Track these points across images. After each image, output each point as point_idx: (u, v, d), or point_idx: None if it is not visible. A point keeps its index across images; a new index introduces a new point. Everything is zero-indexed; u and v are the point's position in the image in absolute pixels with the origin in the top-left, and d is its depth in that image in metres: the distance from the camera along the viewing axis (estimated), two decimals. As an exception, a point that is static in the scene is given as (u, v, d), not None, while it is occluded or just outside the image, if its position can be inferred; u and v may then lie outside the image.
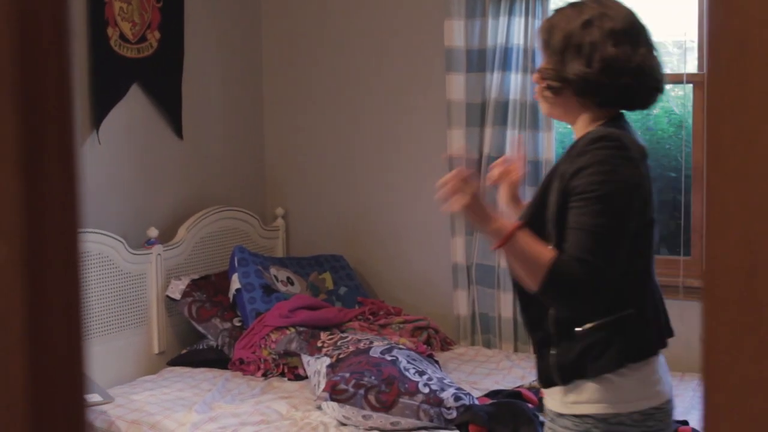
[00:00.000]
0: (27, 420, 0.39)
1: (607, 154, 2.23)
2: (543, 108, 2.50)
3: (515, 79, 4.74)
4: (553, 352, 2.29)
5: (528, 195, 3.61)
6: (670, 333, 2.39)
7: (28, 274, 0.38)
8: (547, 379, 2.34)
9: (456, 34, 4.85)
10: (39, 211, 0.38)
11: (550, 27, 2.38)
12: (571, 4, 2.41)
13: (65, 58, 0.40)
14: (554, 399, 2.33)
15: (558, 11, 2.43)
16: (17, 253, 0.38)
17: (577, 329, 2.25)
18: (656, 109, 4.88)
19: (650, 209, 2.35)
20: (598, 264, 2.16)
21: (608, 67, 2.26)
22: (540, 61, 2.46)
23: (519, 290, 2.39)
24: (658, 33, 4.91)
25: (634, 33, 2.32)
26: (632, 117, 2.56)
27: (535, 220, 2.32)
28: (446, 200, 2.24)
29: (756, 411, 0.67)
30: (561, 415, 2.30)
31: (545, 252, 2.19)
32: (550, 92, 2.38)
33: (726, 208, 0.68)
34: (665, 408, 2.30)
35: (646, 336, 2.30)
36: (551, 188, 2.31)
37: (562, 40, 2.32)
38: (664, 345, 2.34)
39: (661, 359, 2.34)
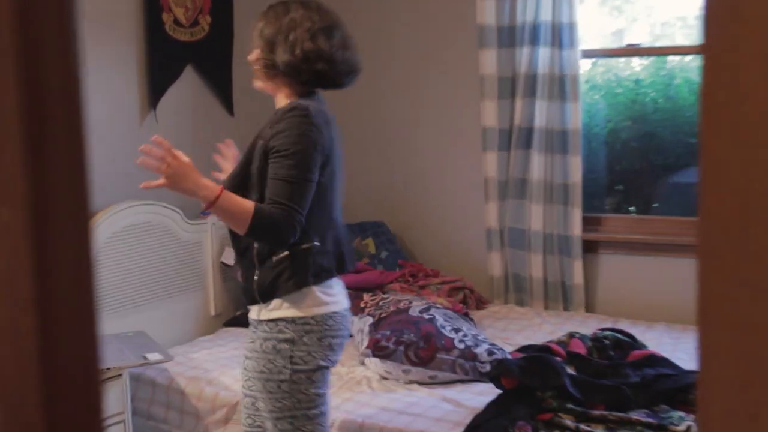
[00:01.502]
0: (40, 379, 0.39)
1: (297, 121, 2.68)
2: (256, 83, 2.92)
3: (543, 54, 4.69)
4: (255, 277, 2.76)
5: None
6: (346, 264, 2.90)
7: (33, 236, 0.38)
8: (251, 298, 2.80)
9: (488, 11, 4.81)
10: (43, 176, 0.38)
11: (264, 21, 2.83)
12: (281, 3, 2.85)
13: (69, 26, 0.39)
14: (254, 311, 2.82)
15: (270, 8, 2.86)
16: (21, 215, 0.38)
17: (273, 258, 2.73)
18: (678, 80, 4.82)
19: (332, 164, 2.80)
20: (291, 206, 2.62)
21: (306, 56, 2.75)
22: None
23: (231, 231, 2.81)
24: (681, 6, 4.86)
25: (329, 31, 2.81)
26: (655, 86, 2.68)
27: (242, 174, 2.75)
28: (154, 172, 2.66)
29: (752, 359, 0.66)
30: (260, 322, 2.79)
31: (246, 205, 2.61)
32: (264, 72, 2.85)
33: (720, 165, 0.67)
34: (342, 313, 2.82)
35: (327, 263, 2.79)
36: (255, 149, 2.74)
37: (273, 34, 2.79)
38: (341, 271, 2.86)
39: (339, 282, 2.88)
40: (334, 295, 2.81)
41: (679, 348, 4.06)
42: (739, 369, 0.65)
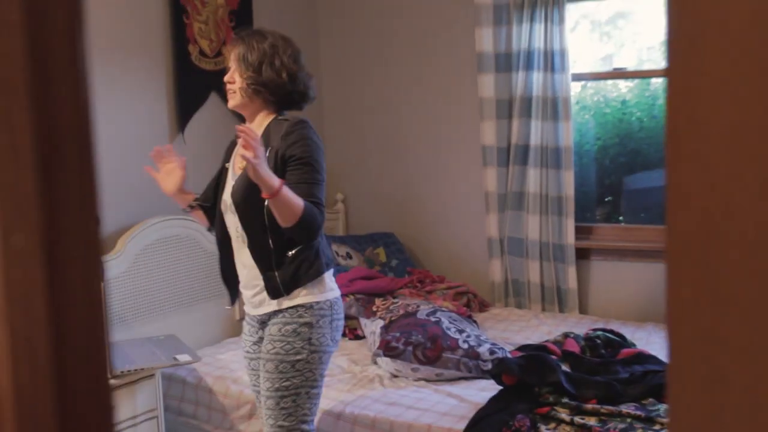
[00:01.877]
0: (53, 389, 0.40)
1: (307, 132, 2.82)
2: (232, 103, 2.96)
3: (537, 78, 4.69)
4: (277, 275, 2.83)
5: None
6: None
7: (46, 260, 0.38)
8: (275, 292, 2.85)
9: (485, 40, 4.81)
10: (55, 205, 0.39)
11: (244, 47, 2.89)
12: (257, 32, 2.94)
13: (79, 63, 0.39)
14: (273, 305, 2.87)
15: (247, 35, 2.93)
16: (34, 242, 0.38)
17: (288, 254, 2.83)
18: (661, 100, 4.81)
19: None
20: (321, 203, 2.78)
21: (292, 78, 2.89)
22: (258, 70, 2.87)
23: (248, 234, 2.86)
24: (659, 34, 4.85)
25: (300, 59, 2.95)
26: (640, 106, 2.70)
27: (251, 182, 2.72)
28: (248, 150, 2.57)
29: (713, 358, 0.66)
30: (278, 312, 2.88)
31: (298, 199, 2.68)
32: (248, 92, 2.88)
33: (683, 183, 0.67)
34: (341, 298, 2.97)
35: (329, 253, 2.95)
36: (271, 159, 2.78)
37: (257, 58, 2.86)
38: (335, 260, 2.92)
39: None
40: (334, 282, 2.97)
41: (665, 346, 4.04)
42: (701, 371, 0.65)
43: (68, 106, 0.39)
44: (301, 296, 2.85)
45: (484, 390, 3.56)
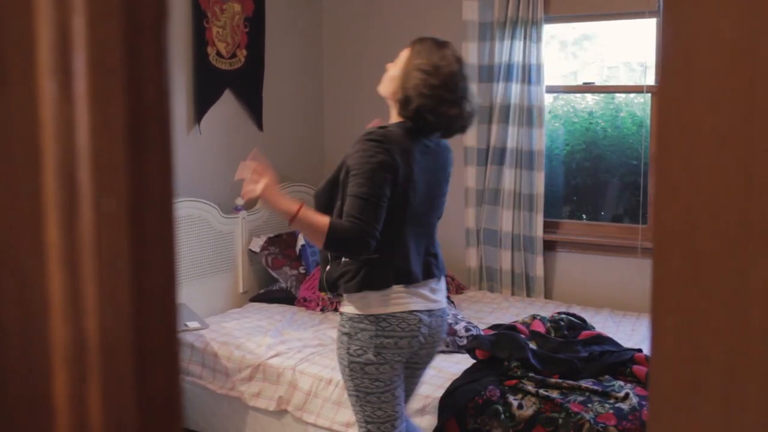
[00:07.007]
0: (133, 336, 0.40)
1: (369, 145, 2.44)
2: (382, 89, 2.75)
3: (515, 88, 4.69)
4: (327, 268, 2.56)
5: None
6: (412, 276, 2.56)
7: (131, 222, 0.38)
8: (320, 286, 2.62)
9: (471, 53, 4.81)
10: (140, 175, 0.38)
11: None
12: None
13: (162, 46, 0.39)
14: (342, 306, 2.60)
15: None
16: (123, 205, 0.38)
17: (343, 258, 2.51)
18: (623, 113, 4.83)
19: (404, 185, 2.49)
20: (362, 220, 2.37)
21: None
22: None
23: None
24: (624, 54, 4.86)
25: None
26: (605, 117, 2.64)
27: (330, 188, 2.53)
28: (246, 186, 2.41)
29: (694, 339, 0.66)
30: (339, 313, 2.61)
31: (322, 220, 2.37)
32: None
33: (672, 183, 0.67)
34: (401, 316, 2.51)
35: (384, 274, 2.49)
36: (342, 166, 2.52)
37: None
38: (404, 281, 2.53)
39: (411, 288, 2.55)
40: (391, 300, 2.52)
41: (620, 329, 4.07)
42: (684, 351, 0.65)
43: (153, 88, 0.39)
44: (346, 306, 2.55)
45: (459, 363, 3.57)
